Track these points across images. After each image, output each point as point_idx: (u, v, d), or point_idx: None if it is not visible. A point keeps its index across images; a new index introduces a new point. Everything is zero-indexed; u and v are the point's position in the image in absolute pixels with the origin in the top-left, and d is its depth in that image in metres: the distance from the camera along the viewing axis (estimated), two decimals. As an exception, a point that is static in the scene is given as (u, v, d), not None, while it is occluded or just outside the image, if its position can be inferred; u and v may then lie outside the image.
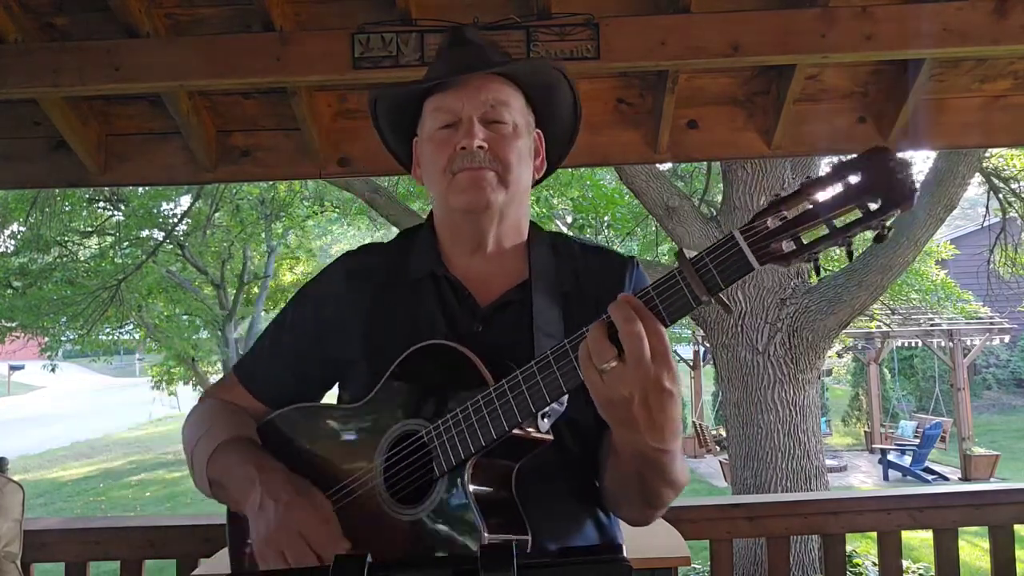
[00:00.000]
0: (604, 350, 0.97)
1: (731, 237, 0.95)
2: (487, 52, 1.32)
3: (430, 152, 1.28)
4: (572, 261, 1.33)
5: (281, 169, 3.03)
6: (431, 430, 1.14)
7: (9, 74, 2.49)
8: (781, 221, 0.93)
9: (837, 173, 0.91)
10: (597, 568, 1.16)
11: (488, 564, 1.09)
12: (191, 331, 16.77)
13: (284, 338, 1.40)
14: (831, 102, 2.88)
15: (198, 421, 1.38)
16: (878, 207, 0.89)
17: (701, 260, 0.97)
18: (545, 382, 1.05)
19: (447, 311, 1.28)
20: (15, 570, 2.16)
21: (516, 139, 1.27)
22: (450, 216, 1.31)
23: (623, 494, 1.21)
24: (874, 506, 2.77)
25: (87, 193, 12.59)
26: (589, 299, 1.26)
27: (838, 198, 0.91)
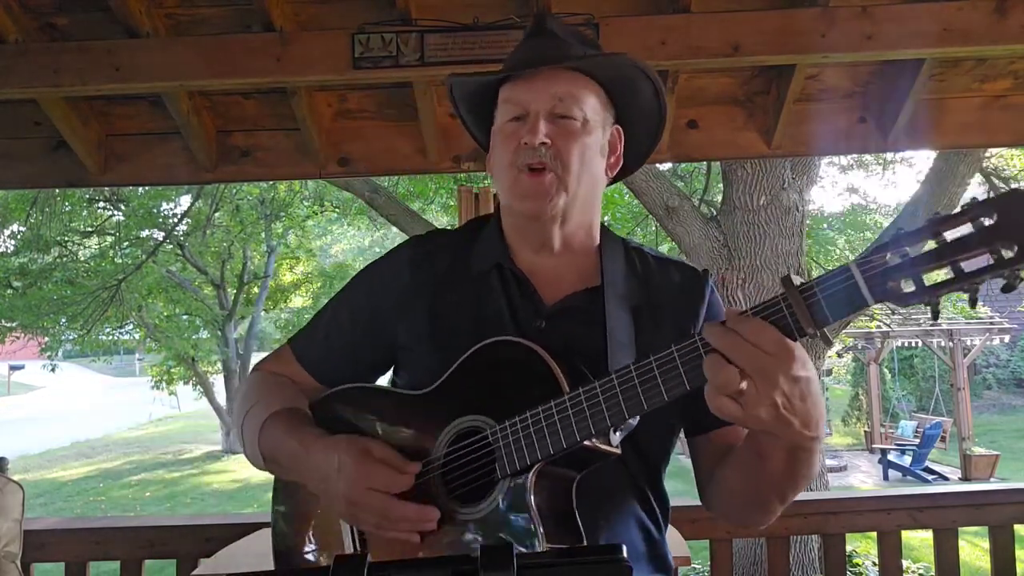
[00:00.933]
0: (730, 376, 0.91)
1: (846, 269, 0.89)
2: (565, 44, 1.26)
3: (498, 144, 1.26)
4: (644, 273, 1.31)
5: (281, 169, 3.03)
6: (497, 430, 1.10)
7: (9, 74, 2.49)
8: (902, 258, 0.87)
9: (969, 213, 0.84)
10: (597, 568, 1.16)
11: (488, 564, 1.08)
12: (191, 331, 16.77)
13: (343, 317, 1.37)
14: (831, 102, 2.88)
15: (248, 393, 1.35)
16: (1013, 255, 0.82)
17: (811, 289, 0.91)
18: (625, 398, 1.01)
19: (511, 304, 1.25)
20: (15, 570, 2.16)
21: (584, 135, 1.22)
22: (514, 215, 1.30)
23: (760, 496, 1.16)
24: (874, 506, 2.77)
25: (87, 193, 12.59)
26: (661, 315, 1.25)
27: (969, 241, 0.83)
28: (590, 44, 1.31)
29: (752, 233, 6.33)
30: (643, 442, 1.19)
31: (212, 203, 13.56)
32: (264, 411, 1.26)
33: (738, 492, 1.19)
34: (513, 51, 1.33)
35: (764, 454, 1.06)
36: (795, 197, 6.46)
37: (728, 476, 1.19)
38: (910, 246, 0.87)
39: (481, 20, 2.46)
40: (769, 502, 1.16)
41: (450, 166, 2.95)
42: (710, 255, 6.43)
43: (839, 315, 0.90)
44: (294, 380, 1.37)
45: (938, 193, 6.07)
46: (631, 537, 1.22)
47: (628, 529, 1.21)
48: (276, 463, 1.25)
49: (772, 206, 6.34)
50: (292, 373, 1.38)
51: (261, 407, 1.27)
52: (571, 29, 1.32)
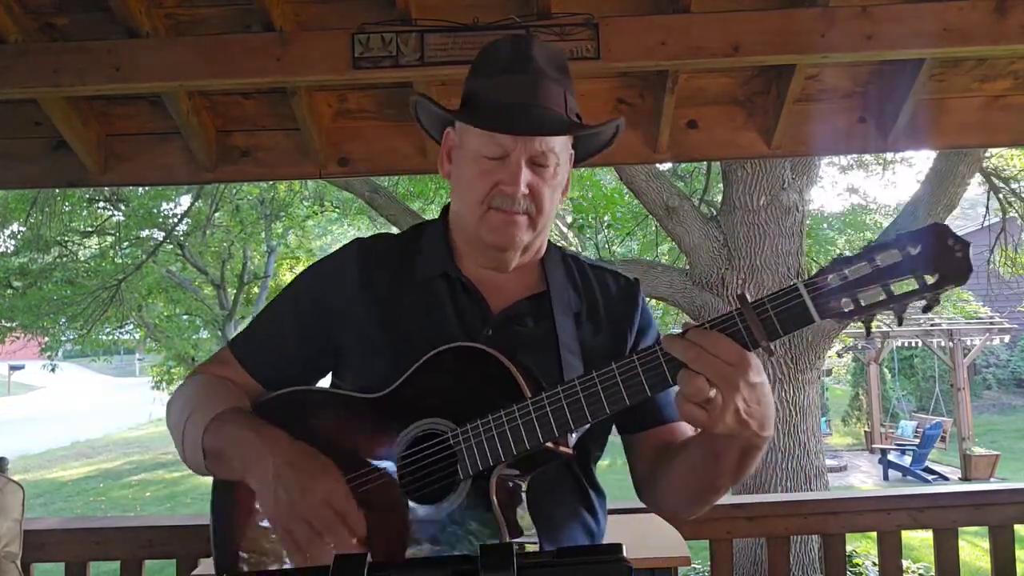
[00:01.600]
0: (700, 386, 1.00)
1: (795, 288, 1.00)
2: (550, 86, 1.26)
3: (471, 173, 1.27)
4: (582, 281, 1.37)
5: (281, 169, 3.03)
6: (459, 433, 1.14)
7: (9, 74, 2.49)
8: (842, 280, 0.98)
9: (899, 242, 0.97)
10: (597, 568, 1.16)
11: (488, 564, 1.09)
12: (191, 331, 16.76)
13: (286, 318, 1.37)
14: (831, 102, 2.88)
15: (190, 395, 1.34)
16: (934, 281, 0.95)
17: (763, 306, 1.01)
18: (589, 403, 1.08)
19: (459, 312, 1.29)
20: (15, 570, 2.16)
21: (555, 179, 1.28)
22: (474, 239, 1.32)
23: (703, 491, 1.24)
24: (874, 506, 2.77)
25: (87, 193, 12.58)
26: (599, 320, 1.33)
27: (898, 268, 0.96)
28: (565, 71, 1.33)
29: (752, 233, 6.33)
30: (586, 442, 1.25)
31: (212, 203, 13.55)
32: (209, 412, 1.25)
33: (684, 488, 1.26)
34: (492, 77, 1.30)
35: (720, 453, 1.14)
36: (795, 197, 6.47)
37: (676, 474, 1.25)
38: (849, 270, 0.98)
39: (481, 20, 2.46)
40: (713, 495, 1.24)
41: (450, 166, 2.94)
42: (710, 255, 6.43)
43: (789, 330, 1.00)
44: (235, 383, 1.35)
45: (938, 193, 6.07)
46: (575, 535, 1.28)
47: (573, 527, 1.28)
48: (220, 458, 1.23)
49: (772, 206, 6.34)
50: (233, 376, 1.37)
51: (206, 410, 1.26)
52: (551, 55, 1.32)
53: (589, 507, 1.32)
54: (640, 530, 2.47)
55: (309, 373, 1.36)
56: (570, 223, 13.99)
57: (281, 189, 14.13)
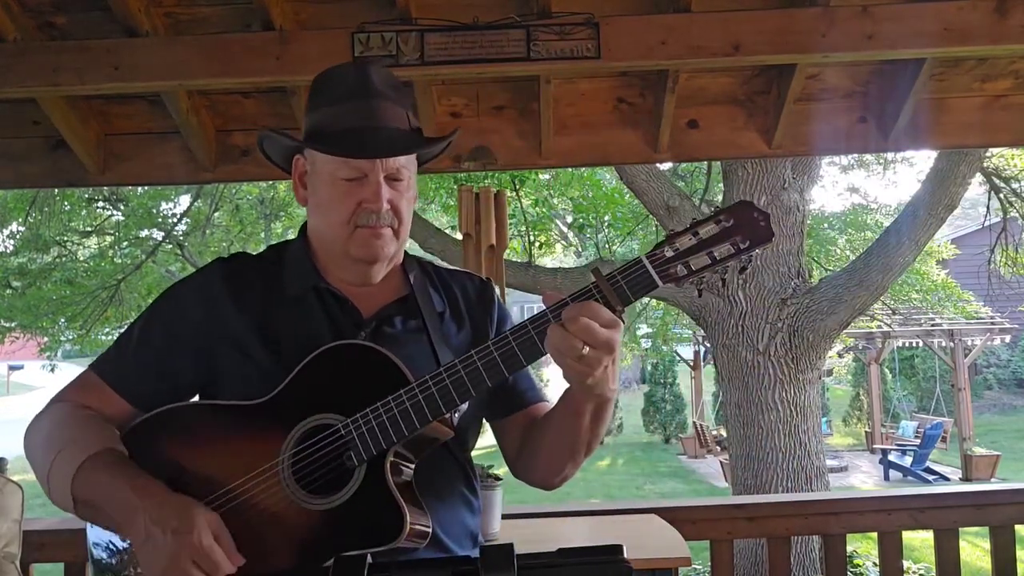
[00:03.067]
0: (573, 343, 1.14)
1: (639, 260, 1.18)
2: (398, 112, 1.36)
3: (331, 195, 1.34)
4: (441, 283, 1.49)
5: (281, 169, 3.02)
6: (349, 423, 1.20)
7: (8, 73, 2.48)
8: (675, 251, 1.18)
9: (715, 217, 1.18)
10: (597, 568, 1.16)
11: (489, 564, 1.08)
12: (191, 331, 16.73)
13: (155, 337, 1.36)
14: (832, 102, 2.88)
15: (54, 430, 1.31)
16: (746, 246, 1.16)
17: (613, 277, 1.18)
18: (471, 378, 1.19)
19: (332, 320, 1.35)
20: (14, 571, 2.15)
21: (408, 190, 1.38)
22: (340, 256, 1.37)
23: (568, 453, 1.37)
24: (875, 506, 2.77)
25: (86, 193, 12.57)
26: (461, 318, 1.45)
27: (717, 237, 1.17)
28: (404, 93, 1.44)
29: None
30: (461, 425, 1.34)
31: (212, 203, 13.55)
32: (78, 454, 1.22)
33: (550, 453, 1.39)
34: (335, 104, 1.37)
35: (579, 411, 1.28)
36: (796, 197, 6.46)
37: (541, 438, 1.39)
38: (679, 242, 1.18)
39: (481, 19, 2.46)
40: (579, 452, 1.36)
41: (450, 166, 2.94)
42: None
43: (638, 295, 1.19)
44: (103, 408, 1.33)
45: (939, 193, 6.07)
46: (461, 514, 1.37)
47: (457, 505, 1.37)
48: (92, 508, 1.22)
49: (773, 206, 6.33)
50: (101, 400, 1.33)
51: (74, 451, 1.23)
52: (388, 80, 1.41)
53: (470, 486, 1.42)
54: (640, 531, 2.47)
55: (184, 390, 1.36)
56: (570, 223, 13.99)
57: (281, 189, 14.12)
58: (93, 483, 1.21)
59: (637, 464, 16.33)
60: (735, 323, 6.49)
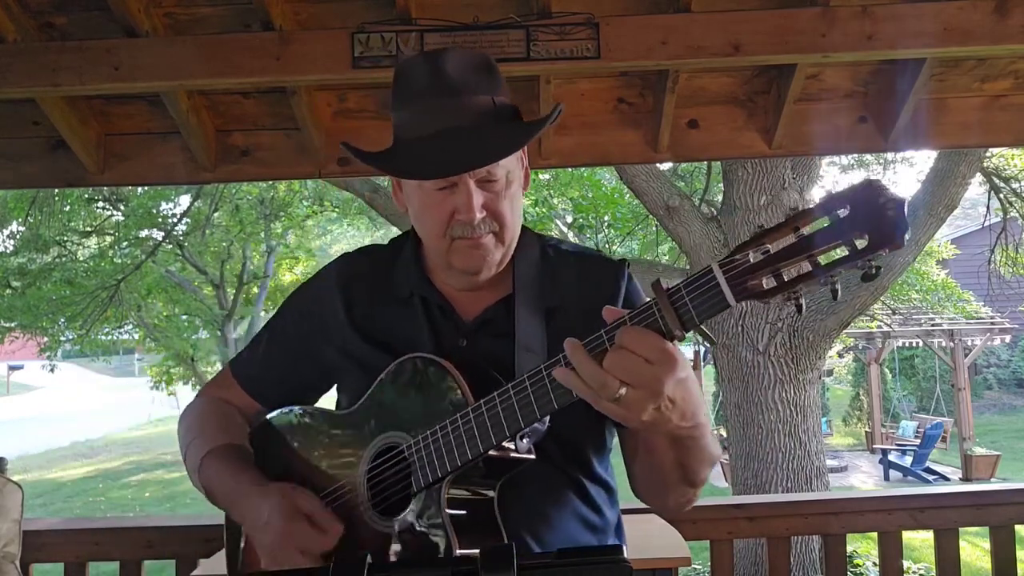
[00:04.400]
0: (608, 382, 0.94)
1: (709, 270, 0.91)
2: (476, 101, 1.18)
3: (423, 205, 1.23)
4: (561, 272, 1.31)
5: (281, 169, 3.02)
6: (411, 445, 1.15)
7: (8, 73, 2.48)
8: (763, 255, 0.89)
9: (824, 206, 0.86)
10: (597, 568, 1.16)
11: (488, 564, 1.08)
12: (190, 331, 16.75)
13: (279, 339, 1.42)
14: (832, 102, 2.88)
15: (192, 424, 1.42)
16: (865, 246, 0.83)
17: (677, 293, 0.93)
18: (520, 406, 1.05)
19: (433, 326, 1.29)
20: (14, 570, 2.15)
21: (508, 188, 1.22)
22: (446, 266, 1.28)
23: (663, 484, 1.22)
24: (875, 506, 2.76)
25: (86, 193, 12.58)
26: (576, 312, 1.24)
27: (825, 234, 0.86)
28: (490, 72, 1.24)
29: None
30: (565, 436, 1.21)
31: (211, 203, 13.55)
32: (204, 445, 1.33)
33: (648, 481, 1.27)
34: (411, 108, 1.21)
35: (650, 448, 1.14)
36: (796, 197, 6.47)
37: (639, 468, 1.26)
38: (771, 242, 0.88)
39: (481, 19, 2.46)
40: (676, 485, 1.20)
41: (450, 166, 2.94)
42: (711, 255, 6.43)
43: (704, 317, 0.92)
44: (237, 403, 1.42)
45: (939, 193, 6.07)
46: (571, 532, 1.25)
47: (567, 524, 1.25)
48: (213, 498, 1.32)
49: (773, 206, 6.33)
50: (234, 397, 1.43)
51: (202, 441, 1.34)
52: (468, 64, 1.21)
53: (588, 501, 1.29)
54: (640, 530, 2.47)
55: (305, 391, 1.40)
56: (570, 223, 13.98)
57: (281, 189, 14.13)
58: (210, 474, 1.30)
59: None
60: (735, 323, 6.49)
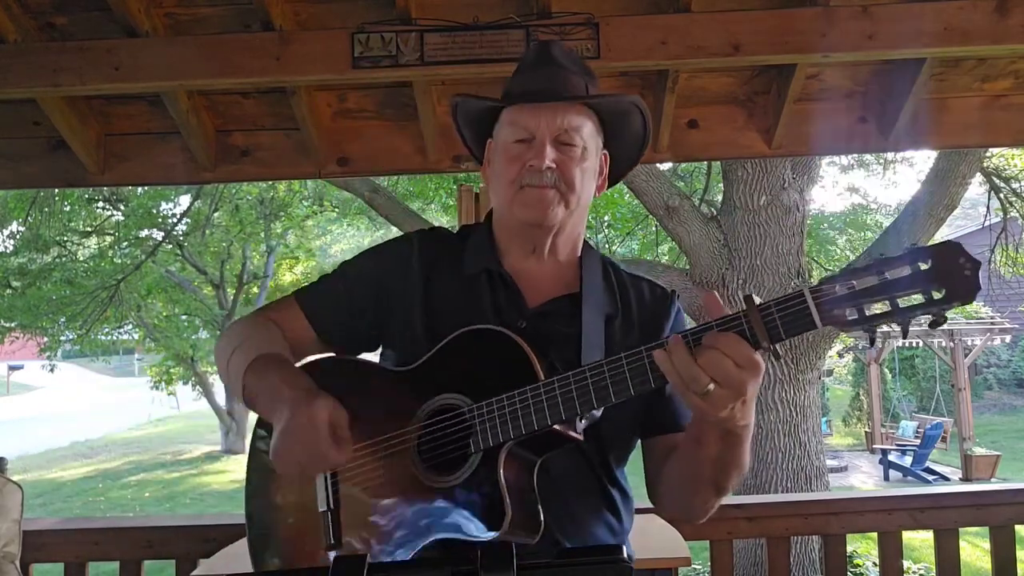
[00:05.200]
0: (699, 376, 1.04)
1: (800, 294, 1.03)
2: (570, 76, 1.38)
3: (502, 161, 1.38)
4: (619, 287, 1.44)
5: (280, 169, 3.03)
6: (474, 408, 1.20)
7: (8, 73, 2.48)
8: (848, 290, 1.01)
9: (909, 256, 0.98)
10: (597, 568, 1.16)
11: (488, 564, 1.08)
12: (190, 331, 16.75)
13: (350, 282, 1.47)
14: (832, 102, 2.88)
15: (239, 332, 1.45)
16: (941, 297, 0.97)
17: (768, 309, 1.04)
18: (596, 389, 1.13)
19: (496, 305, 1.38)
20: (14, 570, 2.16)
21: (583, 161, 1.35)
22: (511, 222, 1.41)
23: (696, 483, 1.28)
24: (875, 506, 2.76)
25: (86, 193, 12.58)
26: (631, 325, 1.39)
27: (905, 281, 0.98)
28: (589, 73, 1.44)
29: (752, 233, 6.33)
30: (606, 437, 1.30)
31: (211, 203, 13.56)
32: (253, 350, 1.35)
33: (678, 481, 1.32)
34: (518, 74, 1.44)
35: (701, 440, 1.20)
36: (795, 197, 6.46)
37: (671, 468, 1.33)
38: (857, 280, 1.01)
39: (481, 19, 2.46)
40: (706, 490, 1.28)
41: (450, 166, 2.94)
42: (710, 255, 6.43)
43: (791, 334, 1.04)
44: (292, 331, 1.45)
45: (939, 193, 6.07)
46: (594, 530, 1.33)
47: (590, 518, 1.33)
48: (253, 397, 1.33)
49: (772, 206, 6.33)
50: (291, 320, 1.46)
51: (252, 349, 1.36)
52: (573, 57, 1.44)
53: (611, 506, 1.36)
54: (640, 530, 2.46)
55: (359, 340, 1.46)
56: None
57: (281, 189, 14.13)
58: (259, 375, 1.32)
59: (637, 464, 16.31)
60: (735, 323, 6.48)
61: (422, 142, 2.86)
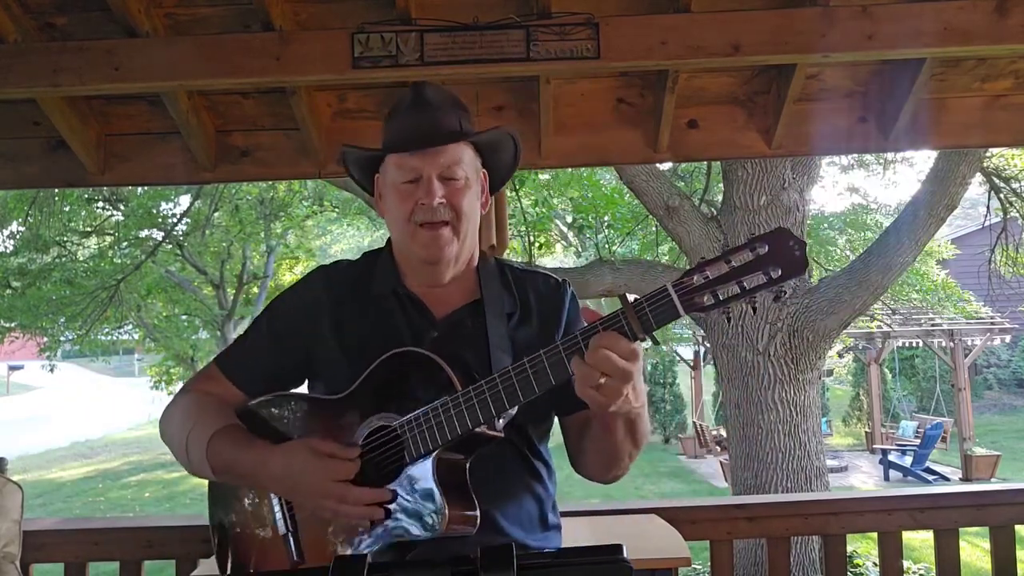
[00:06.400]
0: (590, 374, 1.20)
1: (664, 289, 1.20)
2: (445, 115, 1.51)
3: (394, 199, 1.51)
4: (515, 285, 1.58)
5: (280, 169, 3.03)
6: (403, 423, 1.35)
7: (8, 74, 2.48)
8: (704, 280, 1.18)
9: (750, 244, 1.17)
10: (597, 568, 1.16)
11: (488, 564, 1.08)
12: (190, 331, 16.75)
13: (264, 337, 1.60)
14: (832, 102, 2.88)
15: (185, 415, 1.55)
16: (778, 275, 1.15)
17: (640, 305, 1.21)
18: (506, 393, 1.28)
19: (408, 320, 1.51)
20: (14, 571, 2.15)
21: (468, 190, 1.50)
22: (410, 256, 1.54)
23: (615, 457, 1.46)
24: (875, 506, 2.76)
25: (86, 193, 12.58)
26: (530, 318, 1.54)
27: (749, 266, 1.16)
28: (462, 108, 1.57)
29: (752, 233, 6.32)
30: (522, 424, 1.46)
31: (211, 203, 13.55)
32: (206, 430, 1.47)
33: (596, 456, 1.50)
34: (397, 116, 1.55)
35: (608, 427, 1.37)
36: (795, 197, 6.46)
37: (587, 447, 1.50)
38: (709, 270, 1.18)
39: (481, 19, 2.45)
40: (620, 459, 1.46)
41: (450, 166, 2.94)
42: (710, 255, 6.42)
43: (661, 323, 1.20)
44: (224, 397, 1.57)
45: (939, 193, 6.07)
46: (525, 503, 1.50)
47: (521, 493, 1.51)
48: (230, 474, 1.47)
49: (772, 206, 6.33)
50: (221, 390, 1.58)
51: (203, 427, 1.48)
52: (446, 96, 1.56)
53: (535, 475, 1.54)
54: (640, 530, 2.47)
55: (287, 383, 1.58)
56: (570, 223, 13.98)
57: (280, 189, 14.13)
58: (225, 452, 1.45)
59: (637, 464, 16.15)
60: (735, 323, 6.48)
61: (422, 142, 2.85)
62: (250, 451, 1.43)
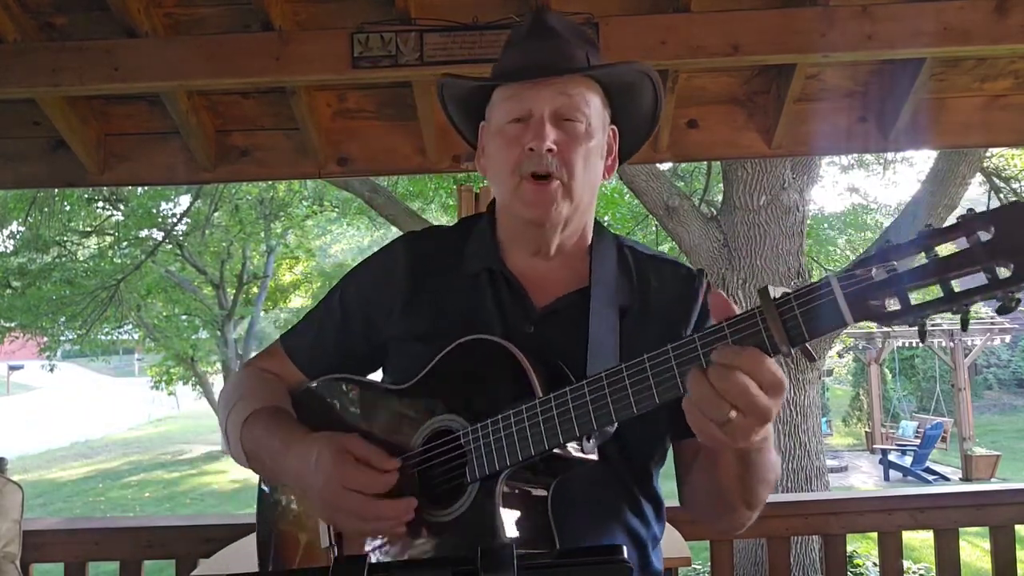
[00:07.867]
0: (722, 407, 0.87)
1: (827, 282, 0.83)
2: (569, 46, 1.23)
3: (497, 147, 1.23)
4: (636, 273, 1.28)
5: (280, 169, 3.03)
6: (468, 432, 1.09)
7: (8, 74, 2.48)
8: (888, 273, 0.80)
9: (965, 226, 0.76)
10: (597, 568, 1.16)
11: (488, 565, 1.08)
12: (190, 331, 16.76)
13: (335, 313, 1.37)
14: (831, 101, 2.88)
15: (233, 390, 1.37)
16: (1010, 275, 0.74)
17: (787, 303, 0.85)
18: (595, 407, 0.98)
19: (501, 308, 1.24)
20: (14, 570, 2.16)
21: (587, 139, 1.20)
22: (512, 220, 1.27)
23: (712, 501, 1.18)
24: (875, 506, 2.76)
25: (86, 193, 12.57)
26: (650, 315, 1.23)
27: (963, 257, 0.76)
28: (590, 43, 1.30)
29: (752, 233, 6.33)
30: (631, 444, 1.16)
31: (211, 203, 13.56)
32: (246, 408, 1.26)
33: (703, 496, 1.20)
34: (510, 47, 1.29)
35: (718, 462, 1.08)
36: (795, 197, 6.46)
37: (695, 479, 1.21)
38: (898, 260, 0.80)
39: (480, 19, 2.46)
40: (731, 505, 1.14)
41: (449, 165, 2.94)
42: (710, 255, 6.43)
43: (816, 333, 0.84)
44: (284, 377, 1.37)
45: (939, 193, 6.07)
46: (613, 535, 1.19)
47: (613, 532, 1.19)
48: (257, 460, 1.25)
49: (772, 206, 6.33)
50: (282, 369, 1.38)
51: (244, 404, 1.28)
52: (572, 26, 1.29)
53: (639, 513, 1.23)
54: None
55: (357, 366, 1.33)
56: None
57: (280, 189, 14.13)
58: (255, 434, 1.23)
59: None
60: (735, 323, 6.47)
61: (422, 142, 2.86)
62: (275, 436, 1.20)
